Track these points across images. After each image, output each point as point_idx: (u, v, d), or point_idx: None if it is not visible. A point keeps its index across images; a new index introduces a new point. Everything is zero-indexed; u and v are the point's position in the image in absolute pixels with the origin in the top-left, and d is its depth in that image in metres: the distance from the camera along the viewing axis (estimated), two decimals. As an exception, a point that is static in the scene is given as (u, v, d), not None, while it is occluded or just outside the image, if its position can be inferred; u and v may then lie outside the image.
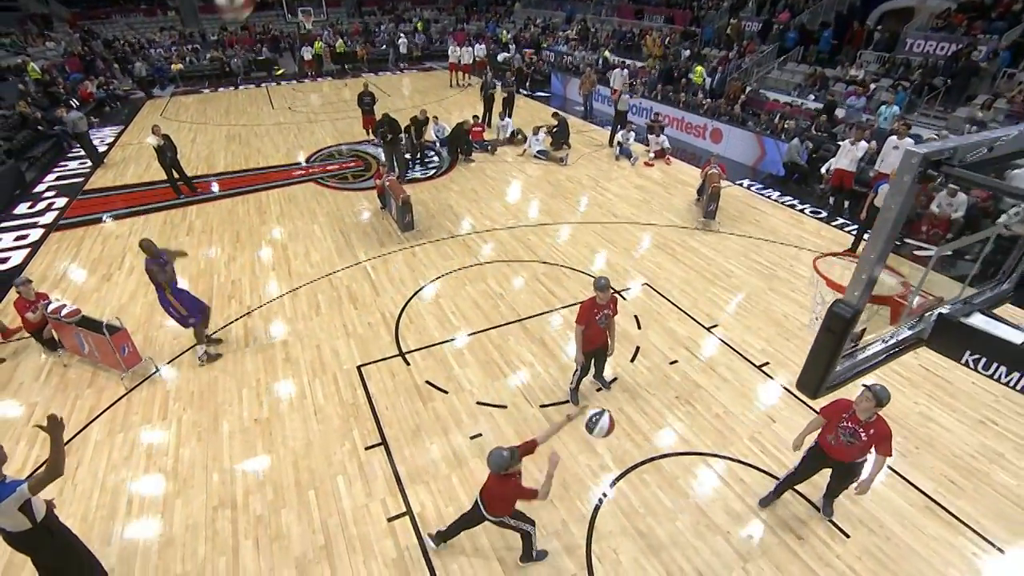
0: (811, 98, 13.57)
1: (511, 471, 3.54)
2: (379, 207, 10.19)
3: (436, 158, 13.06)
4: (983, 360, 2.06)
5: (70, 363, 6.30)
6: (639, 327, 6.88)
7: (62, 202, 10.80)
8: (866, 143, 9.34)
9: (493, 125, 14.88)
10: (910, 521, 4.52)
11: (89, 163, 12.78)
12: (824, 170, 10.10)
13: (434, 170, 12.37)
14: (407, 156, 12.30)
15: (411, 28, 28.90)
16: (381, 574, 4.14)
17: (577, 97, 17.41)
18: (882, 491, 4.71)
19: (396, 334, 6.77)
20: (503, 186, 11.42)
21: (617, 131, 13.44)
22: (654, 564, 4.20)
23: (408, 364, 6.28)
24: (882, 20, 15.13)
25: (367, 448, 5.19)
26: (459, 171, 12.26)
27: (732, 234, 9.30)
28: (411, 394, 5.84)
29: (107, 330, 5.71)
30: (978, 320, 2.15)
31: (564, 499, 4.70)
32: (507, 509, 3.80)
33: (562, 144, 13.25)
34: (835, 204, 10.04)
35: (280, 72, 23.47)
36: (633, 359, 6.35)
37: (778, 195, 11.01)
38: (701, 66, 15.98)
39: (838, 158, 9.47)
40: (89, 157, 12.84)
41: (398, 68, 24.64)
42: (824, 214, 10.10)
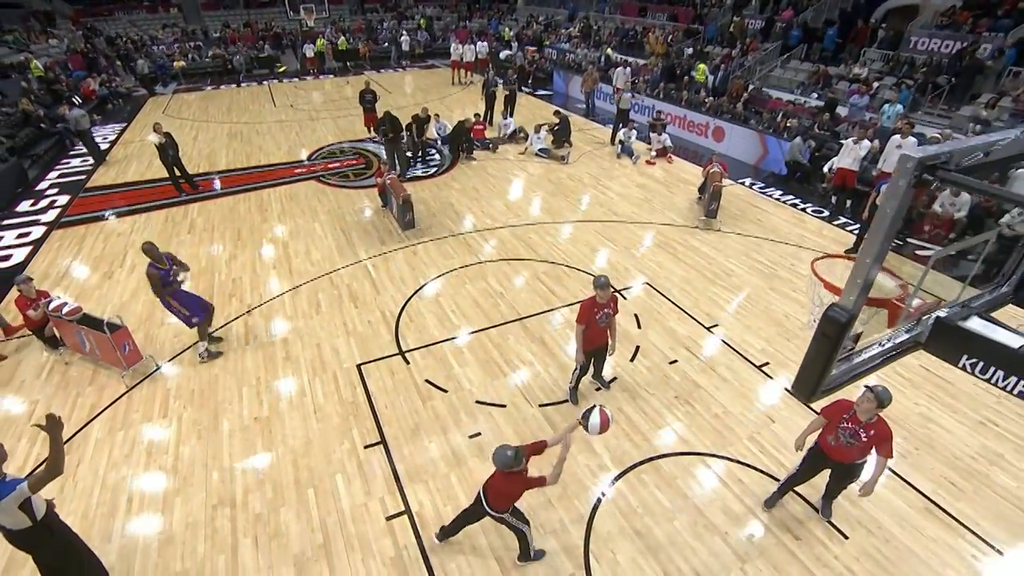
0: (814, 96, 13.50)
1: (516, 470, 3.54)
2: (380, 205, 10.19)
3: (437, 156, 13.05)
4: (980, 364, 2.05)
5: (71, 361, 6.33)
6: (639, 327, 6.87)
7: (64, 200, 10.83)
8: (869, 142, 9.30)
9: (495, 123, 14.86)
10: (909, 522, 4.51)
11: (91, 161, 12.81)
12: (827, 169, 10.05)
13: (435, 168, 12.36)
14: (408, 154, 12.29)
15: (414, 25, 28.87)
16: (379, 573, 4.15)
17: (579, 95, 17.37)
18: (881, 492, 4.69)
19: (396, 333, 6.77)
20: (504, 184, 11.41)
21: (619, 129, 13.40)
22: (652, 564, 4.20)
23: (408, 363, 6.28)
24: (886, 18, 15.01)
25: (366, 447, 5.20)
26: (460, 169, 12.24)
27: (733, 233, 9.27)
28: (410, 393, 5.85)
29: (108, 328, 5.73)
30: (976, 324, 2.13)
31: (562, 499, 4.70)
32: (509, 505, 3.81)
33: (564, 142, 13.22)
34: (837, 203, 10.00)
35: (282, 69, 23.45)
36: (633, 359, 6.34)
37: (780, 194, 10.98)
38: (704, 64, 15.91)
39: (841, 157, 9.42)
40: (91, 155, 12.87)
41: (400, 66, 24.59)
42: (826, 213, 10.06)
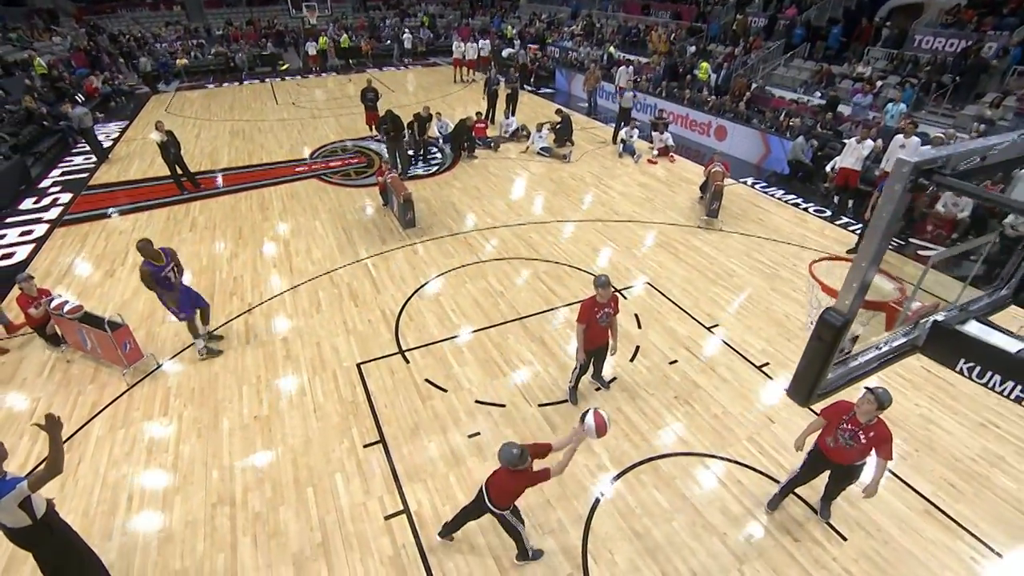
0: (817, 95, 13.44)
1: (521, 468, 3.56)
2: (381, 204, 10.19)
3: (439, 155, 13.04)
4: (977, 369, 2.04)
5: (73, 359, 6.35)
6: (639, 326, 6.86)
7: (67, 198, 10.86)
8: (872, 141, 9.25)
9: (497, 122, 14.83)
10: (908, 524, 4.50)
11: (94, 159, 12.84)
12: (829, 168, 10.02)
13: (437, 167, 12.35)
14: (410, 153, 12.29)
15: (416, 23, 28.82)
16: (377, 572, 4.16)
17: (581, 94, 17.33)
18: (881, 494, 4.66)
19: (396, 332, 6.78)
20: (506, 183, 11.39)
21: (621, 128, 13.37)
22: (649, 565, 4.20)
23: (407, 362, 6.29)
24: (891, 16, 14.93)
25: (365, 446, 5.21)
26: (462, 168, 12.23)
27: (735, 233, 9.24)
28: (410, 392, 5.85)
29: (109, 326, 5.75)
30: (973, 328, 2.12)
31: (561, 499, 4.70)
32: (511, 503, 3.82)
33: (565, 141, 13.19)
34: (839, 203, 9.96)
35: (284, 67, 23.45)
36: (633, 359, 6.33)
37: (782, 193, 10.94)
38: (706, 62, 15.85)
39: (843, 156, 9.38)
40: (94, 153, 12.91)
41: (402, 63, 24.58)
42: (828, 213, 10.02)
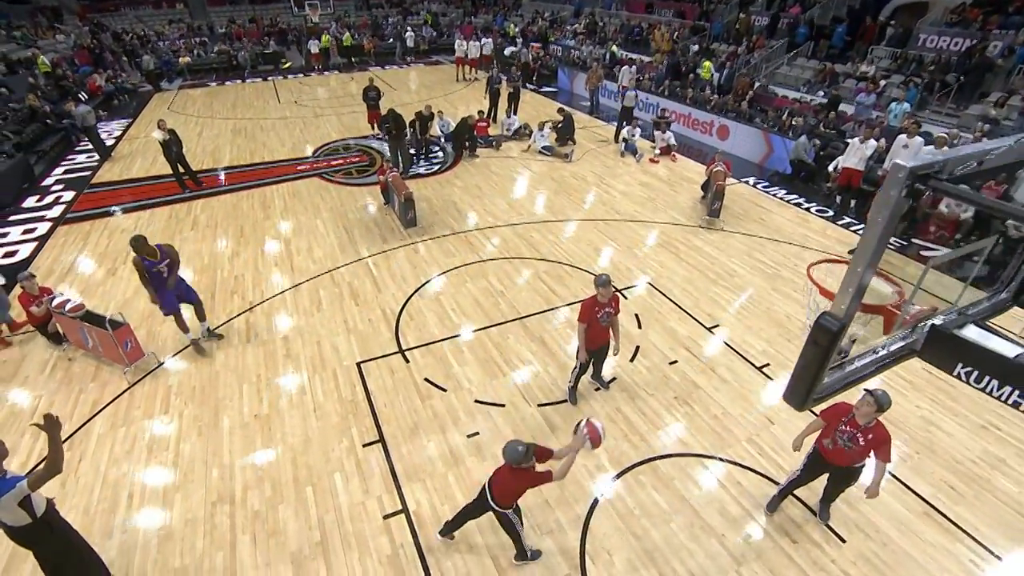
0: (820, 94, 13.38)
1: (525, 466, 3.56)
2: (383, 203, 10.20)
3: (440, 153, 13.04)
4: (975, 373, 2.03)
5: (74, 357, 6.38)
6: (640, 326, 6.85)
7: (69, 196, 10.89)
8: (875, 141, 9.20)
9: (498, 120, 14.81)
10: (907, 527, 4.49)
11: (97, 157, 12.88)
12: (832, 168, 9.97)
13: (438, 166, 12.34)
14: (412, 151, 12.28)
15: (419, 21, 28.79)
16: (376, 571, 4.17)
17: (584, 92, 17.30)
18: (880, 496, 4.63)
19: (396, 331, 6.78)
20: (507, 182, 11.38)
21: (623, 127, 13.34)
22: (647, 566, 4.20)
23: (407, 361, 6.29)
24: (895, 14, 14.85)
25: (365, 445, 5.22)
26: (463, 167, 12.22)
27: (736, 233, 9.22)
28: (410, 391, 5.86)
29: (110, 325, 5.77)
30: (972, 332, 2.11)
31: (560, 499, 4.70)
32: (513, 502, 3.83)
33: (567, 140, 13.17)
34: (842, 203, 9.92)
35: (287, 66, 23.46)
36: (633, 359, 6.32)
37: (784, 193, 10.90)
38: (709, 61, 15.79)
39: (846, 156, 9.34)
40: (97, 151, 12.94)
41: (405, 62, 24.56)
42: (831, 213, 9.98)
